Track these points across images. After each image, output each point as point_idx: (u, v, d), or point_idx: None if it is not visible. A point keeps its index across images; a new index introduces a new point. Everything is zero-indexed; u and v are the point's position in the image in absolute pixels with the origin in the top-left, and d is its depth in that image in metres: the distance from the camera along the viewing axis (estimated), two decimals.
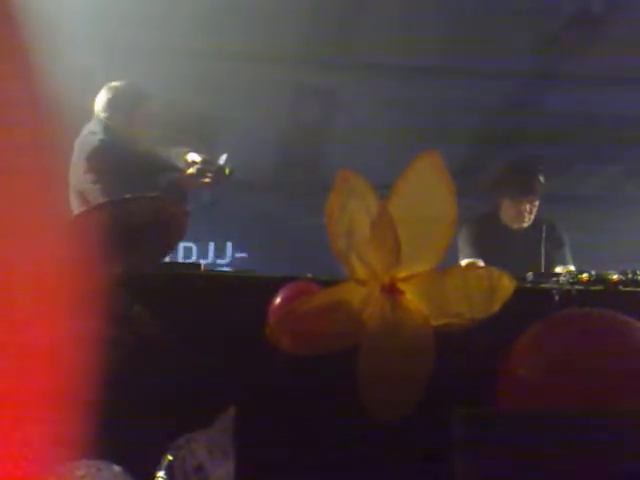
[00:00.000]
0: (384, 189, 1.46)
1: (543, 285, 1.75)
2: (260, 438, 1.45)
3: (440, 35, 3.87)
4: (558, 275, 1.77)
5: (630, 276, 1.75)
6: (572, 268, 2.62)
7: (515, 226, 2.84)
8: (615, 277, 1.74)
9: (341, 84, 4.37)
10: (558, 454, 1.13)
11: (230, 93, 4.08)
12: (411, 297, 1.50)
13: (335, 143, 4.65)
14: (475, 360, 1.62)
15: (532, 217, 2.83)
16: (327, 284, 1.51)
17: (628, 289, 1.74)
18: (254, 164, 4.29)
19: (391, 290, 1.49)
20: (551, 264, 2.69)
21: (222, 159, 2.72)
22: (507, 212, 2.86)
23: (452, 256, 2.40)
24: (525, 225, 2.84)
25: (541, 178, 2.83)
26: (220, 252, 5.23)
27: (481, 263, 2.67)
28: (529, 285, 1.76)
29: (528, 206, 2.81)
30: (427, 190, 1.36)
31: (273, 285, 1.54)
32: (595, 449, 1.18)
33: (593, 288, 1.73)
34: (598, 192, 5.51)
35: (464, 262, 2.71)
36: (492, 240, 2.79)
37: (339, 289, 1.47)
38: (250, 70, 4.04)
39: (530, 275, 1.80)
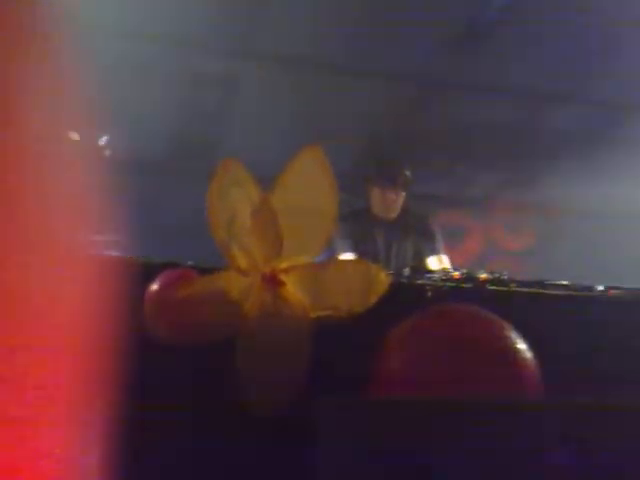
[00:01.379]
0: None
1: (418, 281, 1.82)
2: (129, 431, 1.42)
3: (341, 32, 3.93)
4: (432, 272, 1.85)
5: (497, 275, 1.86)
6: (445, 260, 2.78)
7: (384, 215, 3.00)
8: (484, 276, 1.84)
9: (243, 73, 4.35)
10: (424, 443, 1.18)
11: (124, 74, 3.97)
12: (291, 288, 1.52)
13: (234, 132, 4.62)
14: (351, 352, 1.67)
15: (398, 207, 2.99)
16: (207, 272, 1.51)
17: (494, 287, 1.84)
18: (147, 148, 4.19)
19: (272, 281, 1.50)
20: (422, 255, 2.83)
21: (102, 141, 2.64)
22: (376, 202, 3.03)
23: None
24: (393, 215, 3.01)
25: (407, 172, 3.00)
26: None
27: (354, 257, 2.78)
28: (404, 280, 1.83)
29: (394, 196, 2.97)
30: (309, 183, 1.38)
31: (151, 271, 1.52)
32: (459, 438, 1.24)
33: (463, 285, 1.81)
34: (479, 197, 5.77)
35: (342, 256, 2.80)
36: (365, 230, 2.92)
37: (219, 278, 1.47)
38: (148, 52, 3.94)
39: (407, 271, 1.87)
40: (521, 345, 1.56)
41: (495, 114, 4.54)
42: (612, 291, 1.99)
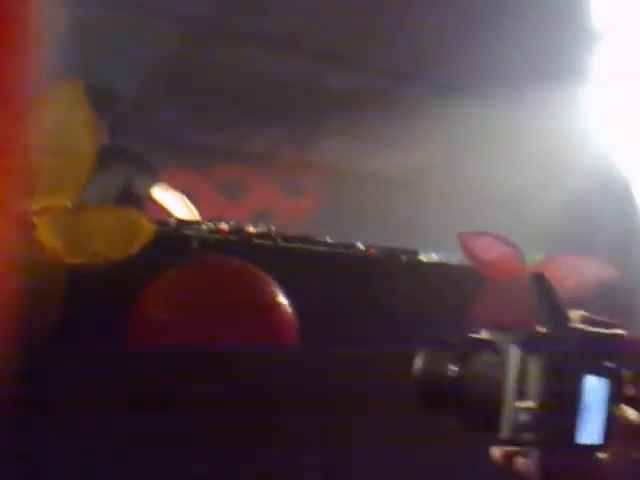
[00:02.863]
0: None
1: (184, 231, 1.83)
2: None
3: None
4: (200, 223, 1.86)
5: (265, 230, 1.93)
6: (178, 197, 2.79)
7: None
8: (251, 230, 1.90)
9: None
10: (164, 394, 1.20)
11: None
12: (44, 231, 1.45)
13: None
14: (109, 301, 1.64)
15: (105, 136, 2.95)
16: None
17: (261, 242, 1.91)
18: None
19: (22, 223, 1.43)
20: (133, 188, 2.83)
21: None
22: None
23: None
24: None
25: (108, 98, 2.92)
26: None
27: None
28: (170, 230, 1.83)
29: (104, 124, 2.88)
30: (64, 120, 1.32)
31: None
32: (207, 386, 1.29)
33: (230, 238, 1.86)
34: (258, 152, 5.86)
35: None
36: None
37: None
38: None
39: (173, 221, 1.87)
40: (282, 299, 1.64)
41: (276, 68, 4.61)
42: (372, 249, 2.15)
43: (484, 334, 0.57)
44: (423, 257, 2.23)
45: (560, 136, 4.00)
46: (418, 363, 0.60)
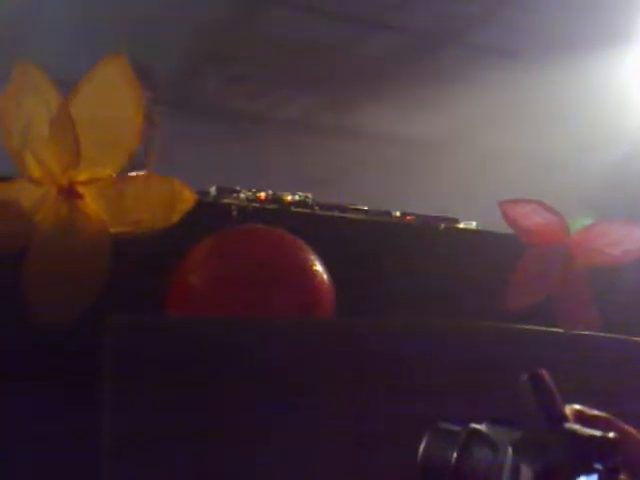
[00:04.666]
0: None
1: (223, 200, 1.90)
2: None
3: None
4: (238, 191, 1.93)
5: (302, 198, 1.99)
6: None
7: None
8: (289, 198, 1.96)
9: None
10: (217, 361, 1.27)
11: None
12: (90, 202, 1.53)
13: (36, 33, 4.33)
14: (152, 270, 1.71)
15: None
16: None
17: (299, 210, 1.97)
18: None
19: (69, 193, 1.51)
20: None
21: None
22: None
23: None
24: None
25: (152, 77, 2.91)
26: None
27: None
28: (210, 199, 1.90)
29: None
30: (112, 93, 1.38)
31: None
32: (252, 356, 1.35)
33: (268, 207, 1.92)
34: (297, 118, 5.90)
35: None
36: None
37: (8, 187, 1.45)
38: None
39: (213, 190, 1.94)
40: (319, 267, 1.70)
41: (313, 34, 4.63)
42: (408, 217, 2.19)
43: (485, 427, 0.60)
44: (462, 224, 2.27)
45: (605, 101, 3.96)
46: (423, 445, 0.63)
